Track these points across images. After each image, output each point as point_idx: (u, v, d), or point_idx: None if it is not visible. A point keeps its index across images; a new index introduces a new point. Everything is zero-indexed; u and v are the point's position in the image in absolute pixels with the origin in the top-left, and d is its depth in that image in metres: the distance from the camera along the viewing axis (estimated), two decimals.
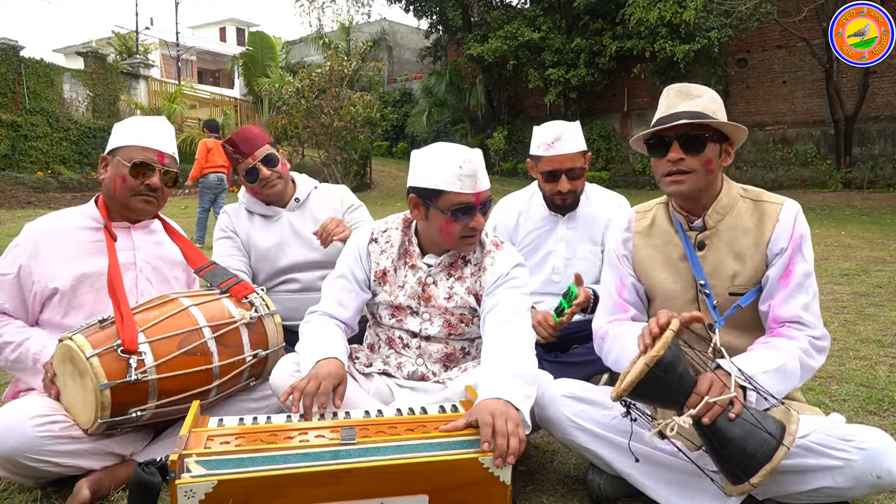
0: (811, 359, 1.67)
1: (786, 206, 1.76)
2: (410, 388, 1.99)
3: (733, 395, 1.46)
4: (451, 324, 1.98)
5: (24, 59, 16.07)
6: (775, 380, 1.58)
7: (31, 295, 2.00)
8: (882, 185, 15.61)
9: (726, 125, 1.73)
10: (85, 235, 2.06)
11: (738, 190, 1.82)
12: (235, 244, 2.67)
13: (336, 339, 1.91)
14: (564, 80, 18.84)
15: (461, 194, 1.84)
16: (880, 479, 1.50)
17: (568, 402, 1.78)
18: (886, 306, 4.40)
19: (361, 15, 29.00)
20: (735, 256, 1.76)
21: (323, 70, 16.53)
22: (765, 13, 15.22)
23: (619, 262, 1.94)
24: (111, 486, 1.83)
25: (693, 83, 1.79)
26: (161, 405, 1.82)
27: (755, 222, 1.76)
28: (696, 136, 1.70)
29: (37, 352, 1.93)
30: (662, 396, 1.51)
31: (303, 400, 1.66)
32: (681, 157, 1.70)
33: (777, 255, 1.73)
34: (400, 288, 2.00)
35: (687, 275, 1.81)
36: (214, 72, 38.74)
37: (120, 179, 2.05)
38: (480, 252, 2.00)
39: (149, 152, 2.07)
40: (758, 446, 1.44)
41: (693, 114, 1.69)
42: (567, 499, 1.86)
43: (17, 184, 14.02)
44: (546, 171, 2.59)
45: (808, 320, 1.70)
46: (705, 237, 1.79)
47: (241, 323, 1.98)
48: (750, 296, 1.76)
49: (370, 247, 2.04)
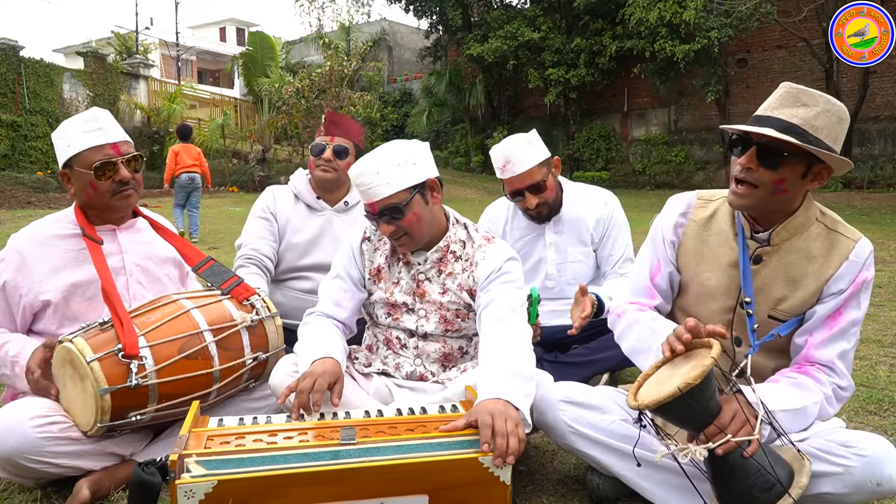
0: (830, 406, 1.61)
1: (861, 244, 1.63)
2: (409, 389, 1.99)
3: (756, 437, 1.41)
4: (446, 319, 1.98)
5: (24, 59, 16.07)
6: (792, 419, 1.52)
7: (18, 308, 1.98)
8: (882, 185, 15.61)
9: (817, 152, 1.51)
10: (70, 244, 2.01)
11: (815, 212, 1.67)
12: (270, 228, 2.67)
13: (333, 339, 1.91)
14: (564, 80, 18.85)
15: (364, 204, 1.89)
16: (880, 485, 1.48)
17: (565, 407, 1.76)
18: (886, 306, 4.40)
19: (361, 15, 29.00)
20: (788, 281, 1.64)
21: (323, 70, 16.54)
22: (765, 13, 15.21)
23: (664, 246, 1.81)
24: (111, 486, 1.82)
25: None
26: (161, 408, 1.82)
27: (823, 252, 1.63)
28: (774, 150, 1.51)
29: (15, 354, 1.90)
30: (684, 419, 1.46)
31: (298, 397, 1.66)
32: (751, 166, 1.54)
33: (833, 294, 1.61)
34: (395, 284, 2.00)
35: (732, 283, 1.69)
36: (214, 72, 38.73)
37: (90, 187, 1.99)
38: (471, 247, 1.99)
39: (103, 150, 1.98)
40: (763, 489, 1.42)
41: (786, 125, 1.51)
42: (567, 499, 1.86)
43: (17, 184, 14.02)
44: (509, 192, 2.59)
45: (839, 369, 1.61)
46: (765, 252, 1.65)
47: (242, 326, 1.98)
48: (790, 325, 1.66)
49: (363, 245, 2.04)
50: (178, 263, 2.23)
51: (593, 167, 20.00)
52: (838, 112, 1.55)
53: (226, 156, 19.33)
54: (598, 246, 2.69)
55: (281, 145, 20.50)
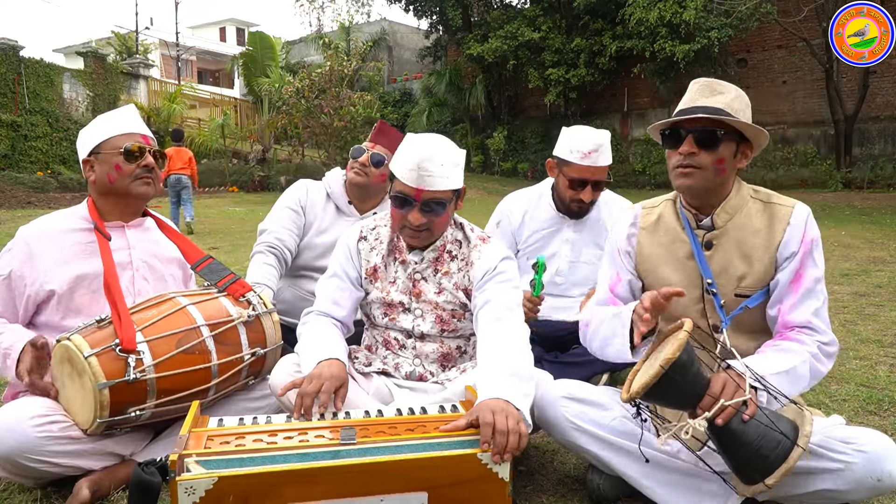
0: (820, 364, 1.65)
1: (797, 208, 1.73)
2: (409, 388, 1.99)
3: (748, 397, 1.45)
4: (443, 319, 1.98)
5: (24, 59, 16.07)
6: (786, 382, 1.56)
7: (22, 298, 1.99)
8: (882, 185, 15.62)
9: (745, 126, 1.69)
10: (79, 237, 2.04)
11: (748, 191, 1.80)
12: (298, 221, 2.67)
13: (336, 340, 1.91)
14: (564, 79, 18.85)
15: (404, 185, 1.86)
16: (880, 481, 1.48)
17: (567, 404, 1.77)
18: (886, 306, 4.40)
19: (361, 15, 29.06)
20: (743, 257, 1.74)
21: (323, 70, 16.53)
22: (765, 13, 15.22)
23: (620, 258, 1.91)
24: (111, 486, 1.82)
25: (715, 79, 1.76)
26: (160, 404, 1.82)
27: (765, 224, 1.74)
28: (711, 132, 1.67)
29: (8, 346, 1.90)
30: (675, 398, 1.50)
31: (303, 400, 1.66)
32: (693, 150, 1.68)
33: (787, 259, 1.70)
34: (391, 284, 2.01)
35: (693, 273, 1.78)
36: (214, 72, 38.73)
37: (114, 169, 2.04)
38: (467, 247, 2.00)
39: (134, 137, 2.08)
40: (772, 448, 1.43)
41: (712, 109, 1.67)
42: (567, 499, 1.86)
43: (17, 184, 14.02)
44: (574, 179, 2.58)
45: (817, 326, 1.67)
46: (713, 236, 1.76)
47: (239, 321, 1.98)
48: (757, 297, 1.74)
49: (360, 244, 2.05)
50: (182, 265, 2.25)
51: None
52: (745, 97, 1.74)
53: (226, 156, 19.33)
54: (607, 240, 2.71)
55: (281, 145, 20.51)
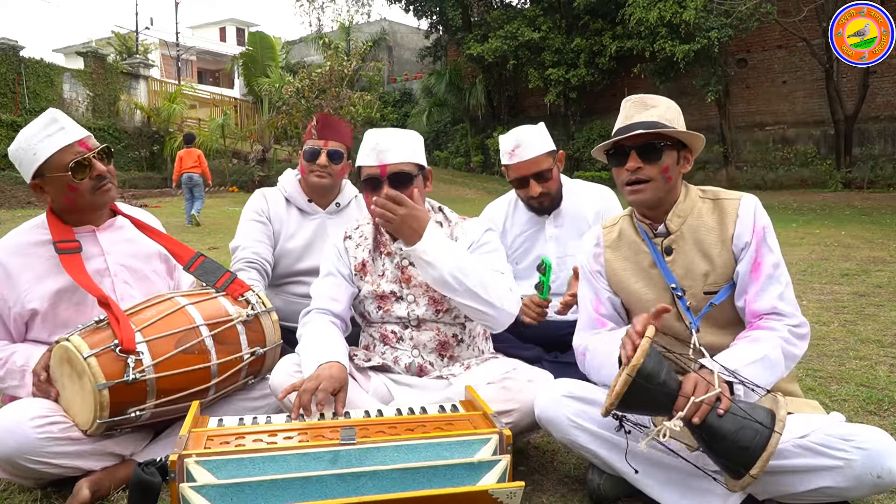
0: (793, 346, 1.69)
1: (743, 200, 1.79)
2: (409, 386, 2.00)
3: (718, 392, 1.48)
4: (435, 300, 2.02)
5: (24, 59, 16.09)
6: (760, 370, 1.59)
7: (9, 319, 1.97)
8: (882, 184, 15.62)
9: (681, 133, 1.77)
10: (51, 250, 1.96)
11: (696, 192, 1.86)
12: (266, 231, 2.61)
13: (336, 341, 1.92)
14: (564, 79, 18.86)
15: (367, 167, 1.96)
16: (880, 478, 1.49)
17: (568, 402, 1.78)
18: (886, 306, 4.39)
19: (361, 15, 28.99)
20: (703, 256, 1.79)
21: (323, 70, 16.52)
22: (765, 13, 15.22)
23: (593, 278, 1.96)
24: (111, 486, 1.82)
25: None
26: (160, 404, 1.82)
27: (717, 221, 1.79)
28: (652, 146, 1.75)
29: (23, 364, 1.90)
30: (650, 404, 1.51)
31: (301, 396, 1.67)
32: (639, 165, 1.75)
33: (743, 249, 1.75)
34: (381, 276, 2.06)
35: (659, 281, 1.83)
36: (214, 72, 38.74)
37: (68, 189, 1.94)
38: (448, 226, 2.10)
39: (72, 149, 1.92)
40: (751, 438, 1.45)
41: (648, 124, 1.74)
42: (567, 499, 1.86)
43: (17, 184, 14.02)
44: (514, 178, 2.63)
45: (784, 310, 1.71)
46: (671, 241, 1.82)
47: (238, 321, 1.98)
48: (723, 293, 1.78)
49: (346, 243, 2.14)
50: (164, 258, 2.19)
51: (593, 167, 19.98)
52: (675, 106, 1.83)
53: (226, 156, 19.34)
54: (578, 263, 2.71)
55: (281, 145, 20.51)
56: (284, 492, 1.39)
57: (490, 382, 1.89)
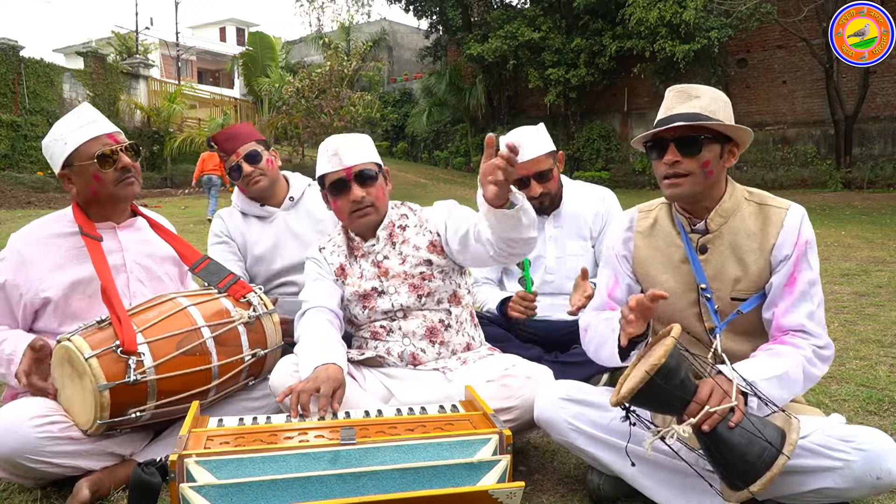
0: (814, 367, 1.65)
1: (791, 210, 1.72)
2: (405, 380, 2.01)
3: (734, 405, 1.45)
4: (415, 286, 2.07)
5: (24, 59, 16.07)
6: (777, 387, 1.56)
7: (19, 306, 1.98)
8: (882, 185, 15.61)
9: (724, 126, 1.68)
10: (71, 241, 2.02)
11: (742, 193, 1.78)
12: (231, 248, 2.65)
13: (334, 342, 1.93)
14: (564, 79, 18.85)
15: (332, 173, 2.04)
16: (880, 479, 1.49)
17: (566, 405, 1.77)
18: (886, 306, 4.39)
19: (361, 15, 29.06)
20: (738, 261, 1.73)
21: (323, 70, 16.55)
22: (765, 13, 15.21)
23: (618, 262, 1.91)
24: (111, 486, 1.82)
25: (694, 83, 1.78)
26: (160, 405, 1.82)
27: (759, 227, 1.73)
28: (692, 138, 1.66)
29: (10, 352, 1.91)
30: (662, 403, 1.50)
31: (300, 397, 1.67)
32: (676, 159, 1.67)
33: (781, 261, 1.69)
34: (360, 278, 2.12)
35: (688, 278, 1.78)
36: (214, 72, 38.73)
37: (93, 179, 2.00)
38: (414, 215, 2.18)
39: (101, 140, 2.00)
40: (757, 455, 1.43)
41: (690, 115, 1.66)
42: (567, 499, 1.86)
43: (17, 184, 14.03)
44: (515, 179, 2.59)
45: (812, 329, 1.66)
46: (707, 240, 1.76)
47: (240, 322, 1.98)
48: (752, 302, 1.73)
49: (322, 253, 2.21)
50: (177, 262, 2.24)
51: (593, 167, 20.00)
52: (722, 97, 1.72)
53: None
54: (596, 241, 2.72)
55: (281, 145, 20.50)
56: (284, 492, 1.39)
57: (489, 380, 1.89)
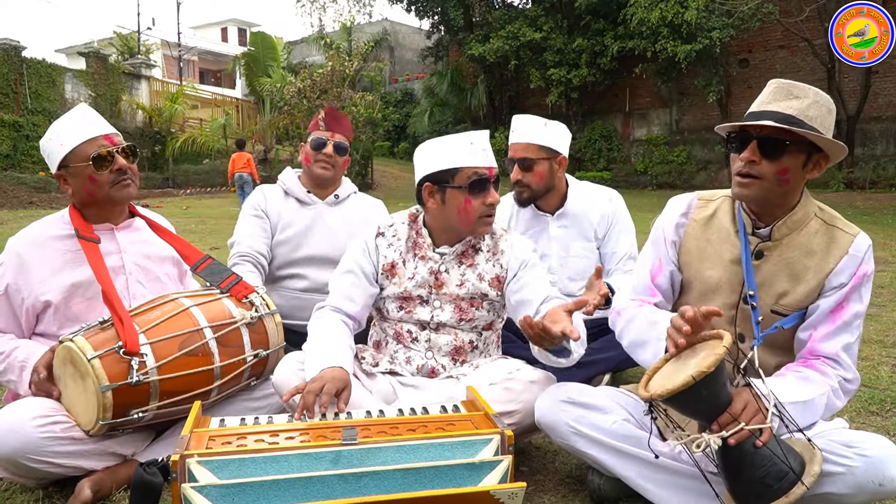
0: (838, 399, 1.62)
1: (858, 238, 1.66)
2: (415, 387, 2.00)
3: (768, 426, 1.42)
4: (461, 309, 2.02)
5: (26, 60, 16.11)
6: (800, 412, 1.54)
7: (22, 311, 1.98)
8: (884, 185, 15.58)
9: (816, 137, 1.56)
10: (69, 244, 2.01)
11: (813, 207, 1.70)
12: (263, 225, 2.66)
13: (343, 345, 1.91)
14: (566, 80, 18.83)
15: (477, 168, 1.94)
16: (882, 486, 1.47)
17: (567, 408, 1.76)
18: (888, 307, 4.39)
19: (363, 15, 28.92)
20: (790, 276, 1.67)
21: (324, 70, 16.52)
22: (766, 13, 15.20)
23: (666, 246, 1.84)
24: (113, 486, 1.82)
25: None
26: (162, 406, 1.82)
27: (822, 247, 1.66)
28: (776, 141, 1.55)
29: (23, 359, 1.91)
30: (697, 409, 1.47)
31: (305, 397, 1.67)
32: (754, 158, 1.57)
33: (835, 287, 1.64)
34: (410, 279, 2.03)
35: (735, 279, 1.72)
36: (216, 72, 38.76)
37: (89, 181, 1.99)
38: (491, 238, 2.07)
39: (97, 142, 1.99)
40: (776, 478, 1.42)
41: (782, 116, 1.55)
42: (568, 499, 1.86)
43: (18, 184, 14.06)
44: (508, 160, 2.64)
45: (844, 361, 1.63)
46: (766, 247, 1.69)
47: (242, 323, 1.98)
48: (793, 318, 1.68)
49: (377, 240, 2.08)
50: (176, 262, 2.23)
51: (595, 167, 19.99)
52: (827, 103, 1.61)
53: (227, 156, 19.33)
54: (601, 243, 2.71)
55: (283, 145, 20.50)
56: (286, 492, 1.39)
57: (493, 383, 1.88)
